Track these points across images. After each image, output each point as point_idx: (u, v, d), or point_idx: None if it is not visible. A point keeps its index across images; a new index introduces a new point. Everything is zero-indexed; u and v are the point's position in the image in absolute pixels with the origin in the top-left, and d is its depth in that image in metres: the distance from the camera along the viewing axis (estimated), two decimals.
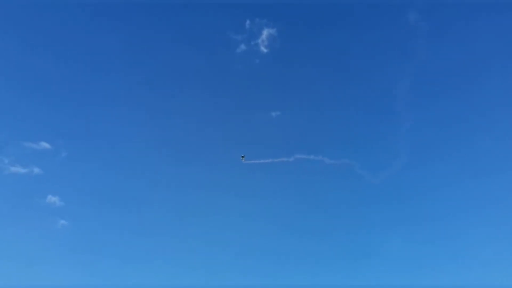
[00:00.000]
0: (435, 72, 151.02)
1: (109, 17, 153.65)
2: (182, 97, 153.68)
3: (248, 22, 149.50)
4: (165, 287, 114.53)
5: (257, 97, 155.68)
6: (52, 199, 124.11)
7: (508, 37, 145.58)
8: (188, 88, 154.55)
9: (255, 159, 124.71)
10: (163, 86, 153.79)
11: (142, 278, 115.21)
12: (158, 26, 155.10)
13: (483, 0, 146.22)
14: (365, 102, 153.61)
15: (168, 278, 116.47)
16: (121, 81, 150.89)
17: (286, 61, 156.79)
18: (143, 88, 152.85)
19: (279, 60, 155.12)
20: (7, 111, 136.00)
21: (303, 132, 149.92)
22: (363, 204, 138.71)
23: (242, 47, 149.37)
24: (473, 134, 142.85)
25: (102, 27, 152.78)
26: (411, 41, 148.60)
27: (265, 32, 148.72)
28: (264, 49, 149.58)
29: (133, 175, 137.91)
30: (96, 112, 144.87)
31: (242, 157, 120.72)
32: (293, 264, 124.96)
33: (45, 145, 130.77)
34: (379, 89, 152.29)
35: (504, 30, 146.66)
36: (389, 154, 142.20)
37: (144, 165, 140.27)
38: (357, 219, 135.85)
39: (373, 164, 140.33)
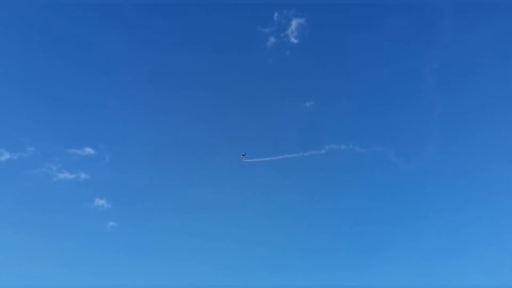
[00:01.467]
0: (464, 53, 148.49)
1: (133, 20, 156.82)
2: (217, 96, 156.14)
3: (276, 14, 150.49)
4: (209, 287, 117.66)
5: (290, 88, 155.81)
6: (100, 202, 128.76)
7: None
8: (223, 86, 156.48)
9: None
10: (198, 88, 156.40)
11: (186, 277, 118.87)
12: (185, 28, 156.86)
13: None
14: (394, 87, 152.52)
15: (211, 278, 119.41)
16: (157, 85, 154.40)
17: (317, 50, 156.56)
18: (177, 91, 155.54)
19: (310, 49, 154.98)
20: (51, 121, 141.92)
21: (335, 121, 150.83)
22: (396, 193, 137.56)
23: (272, 39, 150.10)
24: (508, 116, 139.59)
25: (130, 34, 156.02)
26: (437, 21, 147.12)
27: (294, 23, 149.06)
28: (294, 40, 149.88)
29: (173, 175, 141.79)
30: (133, 116, 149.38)
31: (243, 155, 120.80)
32: (334, 258, 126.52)
33: (89, 150, 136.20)
34: (408, 73, 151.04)
35: None
36: (421, 140, 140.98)
37: (183, 165, 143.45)
38: (391, 209, 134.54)
39: (405, 151, 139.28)
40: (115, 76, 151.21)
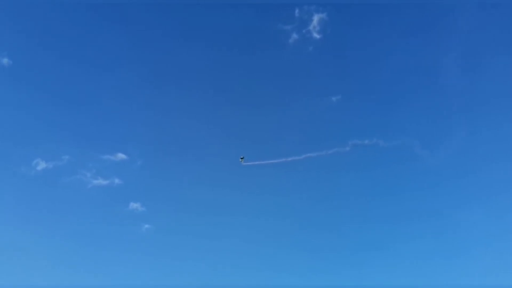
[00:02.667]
0: (483, 43, 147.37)
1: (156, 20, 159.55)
2: (243, 96, 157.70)
3: (297, 10, 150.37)
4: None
5: (316, 84, 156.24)
6: (134, 205, 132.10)
7: None
8: (248, 86, 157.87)
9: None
10: (224, 90, 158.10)
11: (216, 278, 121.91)
12: (208, 29, 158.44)
13: None
14: (417, 79, 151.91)
15: (240, 278, 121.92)
16: (185, 89, 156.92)
17: (340, 44, 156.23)
18: (203, 94, 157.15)
19: (333, 44, 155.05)
20: (83, 129, 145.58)
21: (360, 115, 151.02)
22: (423, 186, 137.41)
23: (294, 36, 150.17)
24: None
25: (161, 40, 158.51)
26: (455, 11, 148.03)
27: (316, 18, 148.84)
28: (316, 35, 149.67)
29: (200, 176, 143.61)
30: (161, 120, 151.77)
31: (241, 158, 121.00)
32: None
33: (121, 156, 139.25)
34: (429, 64, 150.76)
35: None
36: (444, 132, 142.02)
37: (213, 167, 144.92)
38: (419, 203, 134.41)
39: (429, 143, 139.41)
40: (143, 84, 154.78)
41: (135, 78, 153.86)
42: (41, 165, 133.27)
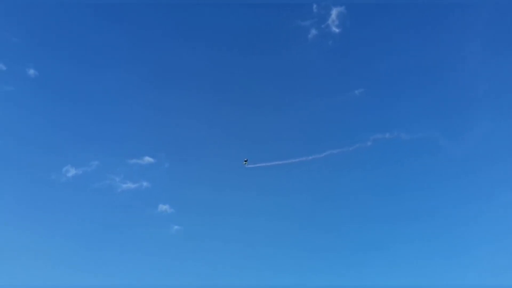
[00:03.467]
0: (507, 29, 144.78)
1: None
2: (267, 95, 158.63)
3: (315, 6, 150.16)
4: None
5: (338, 79, 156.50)
6: (163, 207, 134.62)
7: None
8: (272, 84, 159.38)
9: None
10: (251, 89, 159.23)
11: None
12: (228, 29, 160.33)
13: None
14: (438, 68, 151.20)
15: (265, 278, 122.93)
16: (206, 91, 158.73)
17: (360, 37, 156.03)
18: (227, 93, 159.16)
19: (352, 37, 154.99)
20: (110, 134, 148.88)
21: (382, 108, 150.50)
22: (444, 178, 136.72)
23: (313, 32, 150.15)
24: None
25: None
26: None
27: (334, 12, 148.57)
28: (335, 29, 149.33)
29: (224, 177, 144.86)
30: (185, 123, 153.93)
31: (245, 161, 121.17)
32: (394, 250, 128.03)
33: (148, 159, 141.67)
34: (450, 53, 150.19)
35: None
36: (468, 121, 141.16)
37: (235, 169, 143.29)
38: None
39: (452, 134, 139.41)
40: (165, 86, 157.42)
41: (154, 81, 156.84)
42: (71, 172, 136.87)
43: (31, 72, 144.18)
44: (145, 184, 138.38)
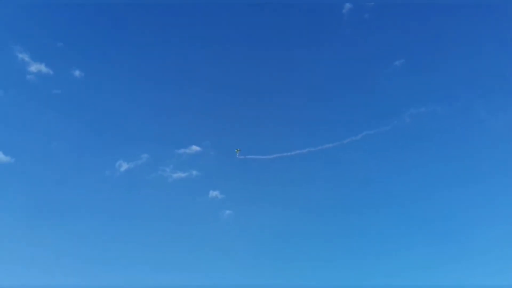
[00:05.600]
0: None
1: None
2: (305, 77, 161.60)
3: None
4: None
5: (376, 50, 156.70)
6: (213, 193, 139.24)
7: None
8: (309, 57, 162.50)
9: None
10: (296, 71, 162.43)
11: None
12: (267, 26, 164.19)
13: None
14: (478, 35, 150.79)
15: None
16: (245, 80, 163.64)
17: (396, 8, 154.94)
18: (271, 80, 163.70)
19: (388, 8, 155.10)
20: (157, 127, 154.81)
21: (422, 79, 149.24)
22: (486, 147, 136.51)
23: (348, 5, 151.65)
24: None
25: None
26: None
27: None
28: (371, 2, 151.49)
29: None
30: (230, 112, 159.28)
31: (237, 150, 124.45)
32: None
33: (196, 148, 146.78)
34: (490, 19, 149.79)
35: None
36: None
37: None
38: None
39: (493, 105, 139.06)
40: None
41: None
42: (124, 166, 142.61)
43: (77, 73, 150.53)
44: (194, 172, 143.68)
